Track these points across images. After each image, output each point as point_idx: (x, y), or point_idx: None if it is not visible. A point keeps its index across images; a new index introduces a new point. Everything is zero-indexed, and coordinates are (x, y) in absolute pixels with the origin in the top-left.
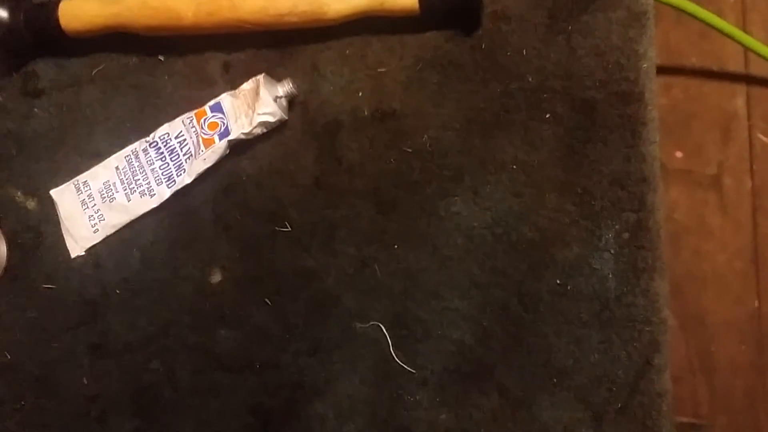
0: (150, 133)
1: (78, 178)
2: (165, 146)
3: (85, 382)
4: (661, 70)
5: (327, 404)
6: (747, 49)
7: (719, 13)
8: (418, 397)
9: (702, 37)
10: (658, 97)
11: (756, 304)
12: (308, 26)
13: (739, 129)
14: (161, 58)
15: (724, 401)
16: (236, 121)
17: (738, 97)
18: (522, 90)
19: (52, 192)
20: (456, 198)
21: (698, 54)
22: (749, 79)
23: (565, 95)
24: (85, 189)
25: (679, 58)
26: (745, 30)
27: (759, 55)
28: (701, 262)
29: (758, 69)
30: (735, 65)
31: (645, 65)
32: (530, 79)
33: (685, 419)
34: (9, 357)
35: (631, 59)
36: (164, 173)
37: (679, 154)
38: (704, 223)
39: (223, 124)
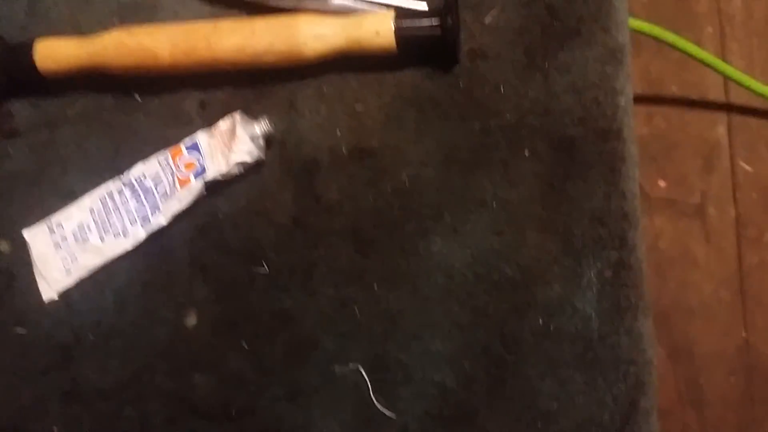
0: (125, 172)
1: (51, 218)
2: (140, 186)
3: (55, 430)
4: (643, 100)
5: None
6: (727, 78)
7: (698, 43)
8: None
9: (682, 66)
10: (640, 126)
11: (743, 335)
12: (285, 65)
13: (721, 157)
14: (137, 97)
15: None
16: (212, 161)
17: (719, 126)
18: (500, 127)
19: (25, 232)
20: (436, 237)
21: (679, 83)
22: (730, 108)
23: (544, 132)
24: (59, 230)
25: (660, 88)
26: (724, 59)
27: (739, 83)
28: (687, 292)
29: (738, 98)
30: (715, 94)
31: (622, 101)
32: (508, 117)
33: None
34: None
35: (609, 95)
36: (139, 214)
37: (662, 184)
38: (689, 252)
39: (200, 163)
